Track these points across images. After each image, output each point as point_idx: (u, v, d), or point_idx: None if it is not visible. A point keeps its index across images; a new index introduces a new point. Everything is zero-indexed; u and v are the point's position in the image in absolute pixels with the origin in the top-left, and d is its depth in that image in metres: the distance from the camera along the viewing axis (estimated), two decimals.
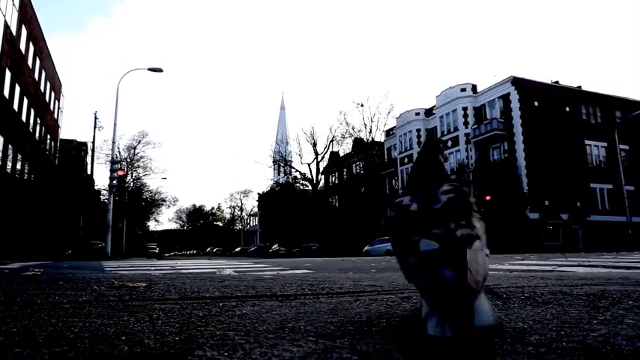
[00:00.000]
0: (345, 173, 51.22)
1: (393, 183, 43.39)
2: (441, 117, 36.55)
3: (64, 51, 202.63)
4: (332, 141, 44.62)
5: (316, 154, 45.55)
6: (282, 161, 49.03)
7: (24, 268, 5.75)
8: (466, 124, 34.26)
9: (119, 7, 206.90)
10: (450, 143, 35.29)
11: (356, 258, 12.31)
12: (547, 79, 36.50)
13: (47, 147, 30.10)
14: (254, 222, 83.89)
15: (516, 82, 31.47)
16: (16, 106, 21.91)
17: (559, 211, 29.35)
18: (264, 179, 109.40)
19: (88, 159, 35.05)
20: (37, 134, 26.96)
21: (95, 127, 29.81)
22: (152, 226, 71.38)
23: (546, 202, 29.38)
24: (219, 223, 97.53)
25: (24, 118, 23.54)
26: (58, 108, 33.64)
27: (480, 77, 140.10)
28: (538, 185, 29.34)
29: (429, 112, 39.96)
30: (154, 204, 52.03)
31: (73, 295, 1.85)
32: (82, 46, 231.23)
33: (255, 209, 79.02)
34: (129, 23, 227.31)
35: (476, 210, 1.07)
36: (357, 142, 45.11)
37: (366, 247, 28.66)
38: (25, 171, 24.44)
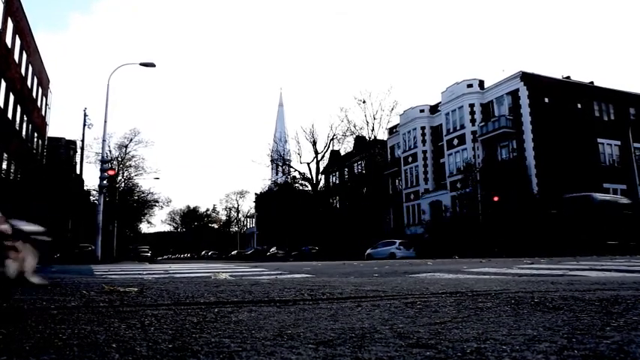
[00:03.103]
0: (346, 173, 50.36)
1: (397, 183, 42.89)
2: (447, 114, 36.11)
3: (52, 46, 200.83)
4: (332, 139, 43.80)
5: (316, 153, 44.95)
6: (280, 160, 48.07)
7: None
8: (473, 121, 33.86)
9: (101, 3, 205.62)
10: (456, 141, 35.02)
11: (358, 262, 12.30)
12: (558, 74, 35.97)
13: (34, 145, 29.43)
14: (251, 224, 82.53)
15: (525, 77, 31.00)
16: (1, 103, 21.52)
17: None
18: (261, 179, 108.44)
19: (77, 158, 34.43)
20: (24, 132, 26.40)
21: (85, 125, 29.12)
22: (144, 228, 70.13)
23: None
24: (215, 225, 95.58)
25: (10, 115, 23.01)
26: (46, 105, 32.85)
27: (488, 72, 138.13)
28: (548, 185, 28.99)
29: (434, 109, 39.51)
30: (146, 205, 50.96)
31: (61, 300, 1.84)
32: (71, 42, 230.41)
33: (252, 210, 77.54)
34: (121, 19, 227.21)
35: None
36: (359, 140, 44.51)
37: (369, 251, 28.32)
38: (11, 171, 23.96)
